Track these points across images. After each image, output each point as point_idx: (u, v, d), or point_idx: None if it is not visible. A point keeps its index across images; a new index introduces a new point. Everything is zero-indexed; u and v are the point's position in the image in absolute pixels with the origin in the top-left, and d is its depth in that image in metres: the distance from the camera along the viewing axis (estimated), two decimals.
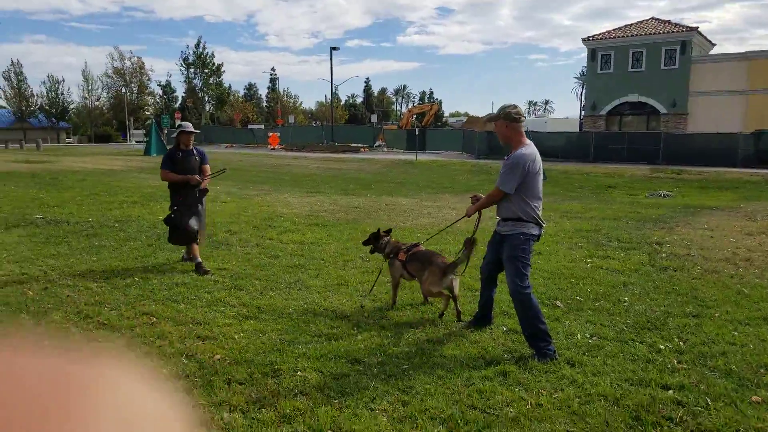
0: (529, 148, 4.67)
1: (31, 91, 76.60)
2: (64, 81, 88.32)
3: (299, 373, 4.13)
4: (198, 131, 7.98)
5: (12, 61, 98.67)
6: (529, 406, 3.76)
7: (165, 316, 5.33)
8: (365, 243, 6.26)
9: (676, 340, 4.91)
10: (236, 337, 4.83)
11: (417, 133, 35.59)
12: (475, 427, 3.48)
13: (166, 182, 7.18)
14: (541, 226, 4.74)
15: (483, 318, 5.21)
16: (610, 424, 3.56)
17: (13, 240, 8.79)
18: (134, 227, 9.99)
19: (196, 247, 7.10)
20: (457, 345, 4.75)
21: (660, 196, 17.88)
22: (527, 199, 4.61)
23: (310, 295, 6.13)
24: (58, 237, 9.02)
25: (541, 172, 4.76)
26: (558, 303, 5.94)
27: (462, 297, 5.85)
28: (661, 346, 4.76)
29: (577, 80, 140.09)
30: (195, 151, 7.19)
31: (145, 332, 4.90)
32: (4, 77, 75.37)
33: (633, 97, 39.72)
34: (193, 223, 7.01)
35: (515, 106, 4.62)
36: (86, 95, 79.94)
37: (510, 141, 4.69)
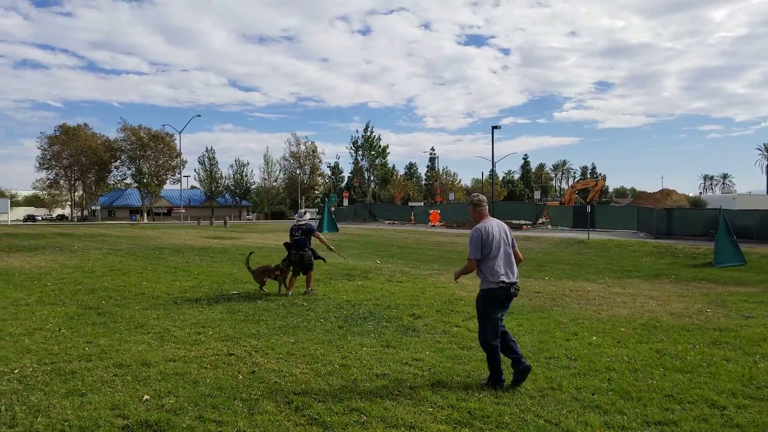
0: None
1: (220, 173, 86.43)
2: (248, 164, 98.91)
3: None
4: (306, 221, 12.12)
5: (206, 147, 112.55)
6: None
7: (374, 414, 5.01)
8: None
9: None
10: None
11: (588, 210, 33.82)
12: None
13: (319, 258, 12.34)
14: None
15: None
16: None
17: (217, 317, 9.21)
18: (322, 306, 10.09)
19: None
20: None
21: None
22: None
23: (522, 400, 5.51)
24: (255, 315, 9.33)
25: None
26: None
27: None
28: None
29: (761, 152, 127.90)
30: (306, 226, 11.73)
31: None
32: (199, 162, 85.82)
33: None
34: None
35: None
36: (266, 176, 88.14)
37: None
